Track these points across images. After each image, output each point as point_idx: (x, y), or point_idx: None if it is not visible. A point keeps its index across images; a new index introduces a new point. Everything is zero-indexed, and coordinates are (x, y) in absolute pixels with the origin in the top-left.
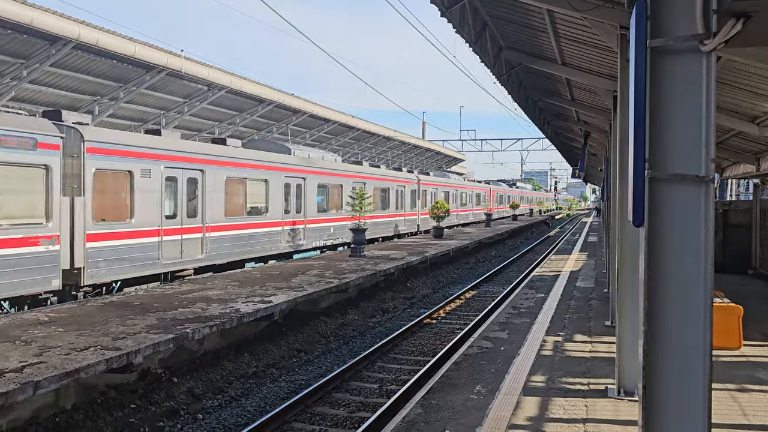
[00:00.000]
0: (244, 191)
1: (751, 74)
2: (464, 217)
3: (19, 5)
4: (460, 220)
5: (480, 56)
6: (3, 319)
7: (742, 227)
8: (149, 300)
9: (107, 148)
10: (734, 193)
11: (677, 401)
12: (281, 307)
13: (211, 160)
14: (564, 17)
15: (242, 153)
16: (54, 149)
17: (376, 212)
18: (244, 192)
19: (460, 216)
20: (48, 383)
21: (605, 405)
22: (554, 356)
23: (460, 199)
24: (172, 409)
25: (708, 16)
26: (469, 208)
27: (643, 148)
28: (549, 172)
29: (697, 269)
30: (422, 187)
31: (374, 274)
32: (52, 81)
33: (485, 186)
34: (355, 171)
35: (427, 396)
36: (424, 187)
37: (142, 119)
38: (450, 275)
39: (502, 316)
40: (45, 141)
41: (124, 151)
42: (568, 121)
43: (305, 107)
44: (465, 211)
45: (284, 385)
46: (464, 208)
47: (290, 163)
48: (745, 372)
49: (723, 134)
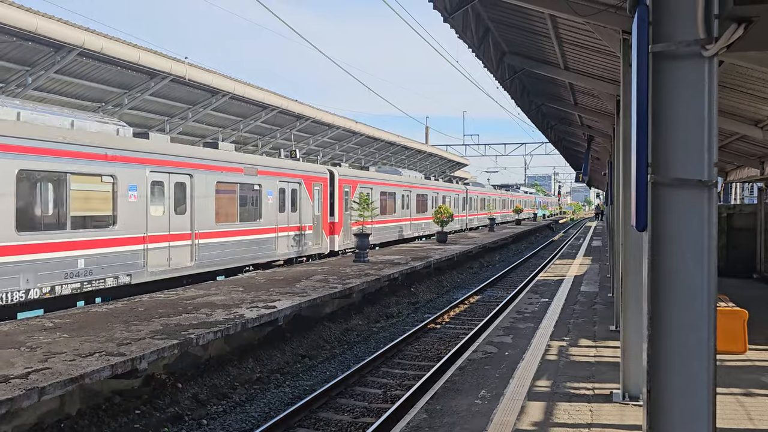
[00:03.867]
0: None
1: (754, 78)
2: (481, 220)
3: (24, 12)
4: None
5: (483, 61)
6: (8, 325)
7: (746, 231)
8: (153, 306)
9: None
10: (738, 196)
11: (682, 405)
12: (285, 312)
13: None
14: (566, 22)
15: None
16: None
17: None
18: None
19: (484, 218)
20: (53, 389)
21: (610, 410)
22: (559, 361)
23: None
24: (177, 415)
25: (709, 21)
26: (497, 211)
27: (646, 153)
28: (553, 177)
29: (700, 273)
30: (469, 195)
31: (378, 279)
32: (57, 88)
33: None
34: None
35: (431, 401)
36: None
37: (146, 125)
38: (454, 280)
39: (506, 321)
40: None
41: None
42: (571, 126)
43: (309, 113)
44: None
45: (288, 390)
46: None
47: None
48: (750, 376)
49: (726, 138)
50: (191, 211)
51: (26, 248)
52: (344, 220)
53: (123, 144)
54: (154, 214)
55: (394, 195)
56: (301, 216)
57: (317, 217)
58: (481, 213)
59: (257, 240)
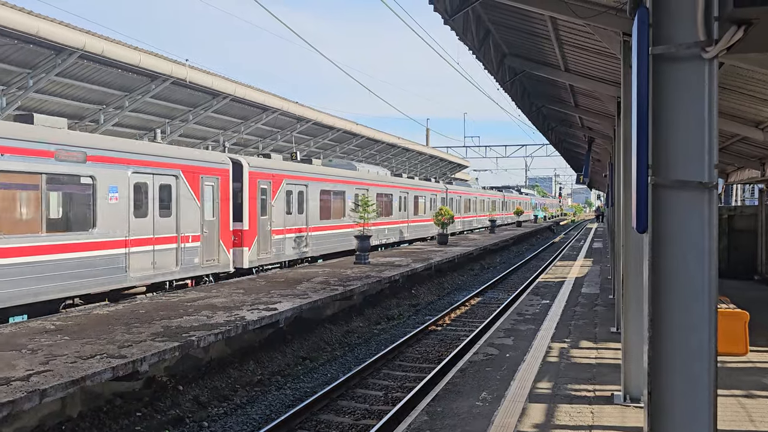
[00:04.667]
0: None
1: (754, 80)
2: (482, 222)
3: (26, 15)
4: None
5: (483, 63)
6: (10, 327)
7: (747, 232)
8: (154, 308)
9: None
10: (739, 198)
11: (683, 407)
12: (286, 314)
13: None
14: (567, 24)
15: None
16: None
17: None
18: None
19: (479, 221)
20: (54, 391)
21: (611, 411)
22: (560, 363)
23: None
24: (178, 417)
25: (709, 24)
26: (485, 214)
27: (646, 155)
28: (553, 178)
29: (701, 275)
30: (449, 195)
31: (379, 281)
32: (58, 90)
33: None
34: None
35: (432, 403)
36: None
37: (147, 128)
38: (455, 282)
39: (507, 323)
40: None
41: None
42: (572, 127)
43: (309, 115)
44: (482, 216)
45: (289, 392)
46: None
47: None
48: (751, 378)
49: (727, 139)
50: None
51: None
52: (260, 227)
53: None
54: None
55: (343, 194)
56: (178, 222)
57: (210, 223)
58: (466, 216)
59: (85, 259)
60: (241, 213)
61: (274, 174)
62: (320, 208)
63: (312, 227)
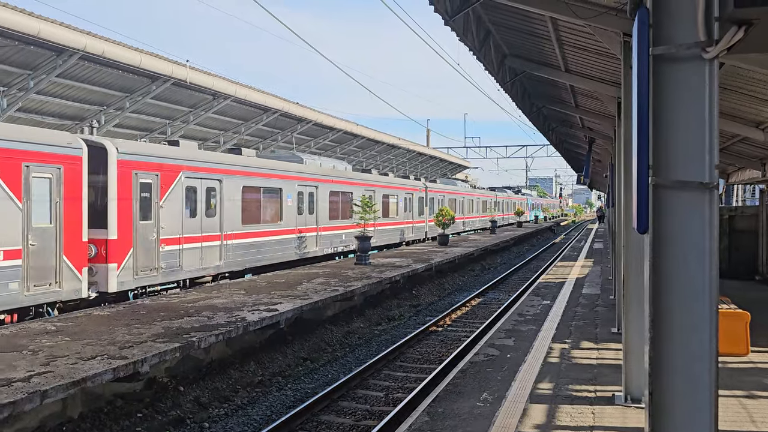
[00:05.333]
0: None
1: (755, 80)
2: (470, 224)
3: (26, 17)
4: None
5: (484, 64)
6: (10, 328)
7: (748, 233)
8: (155, 309)
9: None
10: (740, 198)
11: (684, 408)
12: (287, 315)
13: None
14: (567, 25)
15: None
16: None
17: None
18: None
19: (466, 223)
20: (55, 392)
21: (612, 412)
22: (561, 363)
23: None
24: (179, 418)
25: (710, 24)
26: (474, 215)
27: (647, 155)
28: (554, 179)
29: (702, 275)
30: (429, 195)
31: (379, 282)
32: (59, 92)
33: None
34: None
35: (433, 404)
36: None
37: (147, 129)
38: (455, 282)
39: (508, 324)
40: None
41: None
42: (572, 128)
43: (310, 115)
44: (471, 218)
45: (290, 393)
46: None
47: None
48: (752, 378)
49: (728, 140)
50: None
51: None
52: (139, 235)
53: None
54: None
55: (279, 192)
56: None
57: (42, 232)
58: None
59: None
60: (105, 218)
61: (162, 164)
62: (243, 209)
63: (229, 234)
